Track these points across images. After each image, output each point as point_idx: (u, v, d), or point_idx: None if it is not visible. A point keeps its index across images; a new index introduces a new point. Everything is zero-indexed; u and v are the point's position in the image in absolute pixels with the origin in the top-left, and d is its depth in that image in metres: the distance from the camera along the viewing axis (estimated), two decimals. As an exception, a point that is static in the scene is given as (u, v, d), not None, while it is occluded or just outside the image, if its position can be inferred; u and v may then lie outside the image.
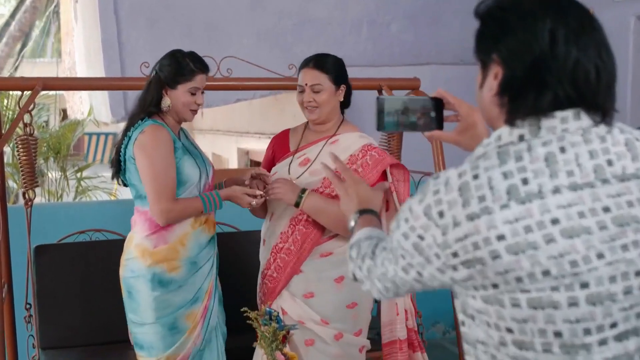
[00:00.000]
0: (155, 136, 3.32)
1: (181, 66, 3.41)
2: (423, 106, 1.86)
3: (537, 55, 1.44)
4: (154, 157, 3.31)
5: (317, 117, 3.47)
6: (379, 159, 3.50)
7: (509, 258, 1.40)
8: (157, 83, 3.42)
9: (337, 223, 3.41)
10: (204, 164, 3.52)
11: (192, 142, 3.60)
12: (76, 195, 7.45)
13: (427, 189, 1.50)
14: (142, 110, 3.41)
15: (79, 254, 4.33)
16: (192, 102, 3.42)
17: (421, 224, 1.49)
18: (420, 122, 1.86)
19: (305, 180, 3.49)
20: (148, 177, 3.34)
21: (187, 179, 3.40)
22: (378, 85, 4.59)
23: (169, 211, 3.34)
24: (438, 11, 6.21)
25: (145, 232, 3.43)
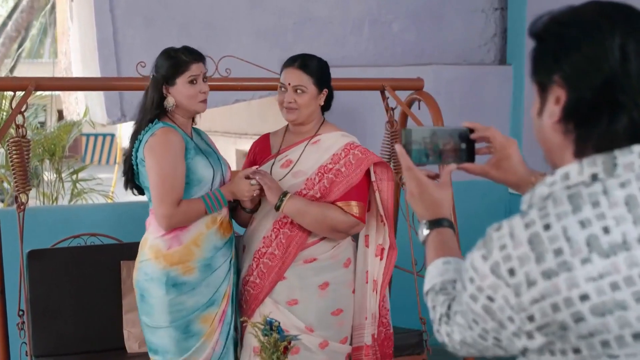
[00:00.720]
0: (165, 139, 3.30)
1: (174, 60, 3.37)
2: (453, 136, 1.77)
3: (606, 73, 1.29)
4: (161, 161, 3.29)
5: (296, 119, 3.45)
6: (362, 158, 3.46)
7: (595, 320, 1.24)
8: (155, 84, 3.38)
9: (321, 225, 3.39)
10: (219, 163, 3.49)
11: (206, 141, 3.56)
12: (72, 198, 7.37)
13: (491, 243, 1.32)
14: (144, 116, 3.37)
15: (73, 259, 4.29)
16: (196, 92, 3.38)
17: (489, 283, 1.32)
18: (450, 154, 1.76)
19: (288, 182, 3.46)
20: (154, 180, 3.32)
21: (201, 179, 3.38)
22: (381, 85, 4.54)
23: (170, 216, 3.31)
24: (441, 10, 6.15)
25: (159, 233, 3.40)
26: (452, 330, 1.46)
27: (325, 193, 3.43)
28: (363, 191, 3.48)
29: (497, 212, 6.01)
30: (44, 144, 7.13)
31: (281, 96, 3.47)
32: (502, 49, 6.28)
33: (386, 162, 3.57)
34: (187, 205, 3.35)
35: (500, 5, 6.26)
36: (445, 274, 1.59)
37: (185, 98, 3.38)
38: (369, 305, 3.56)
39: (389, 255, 3.59)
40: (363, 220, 3.47)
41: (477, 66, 6.14)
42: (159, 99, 3.39)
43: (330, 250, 3.48)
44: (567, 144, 1.36)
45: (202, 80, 3.42)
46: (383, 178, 3.50)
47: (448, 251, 1.65)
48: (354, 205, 3.43)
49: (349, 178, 3.43)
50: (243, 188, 3.41)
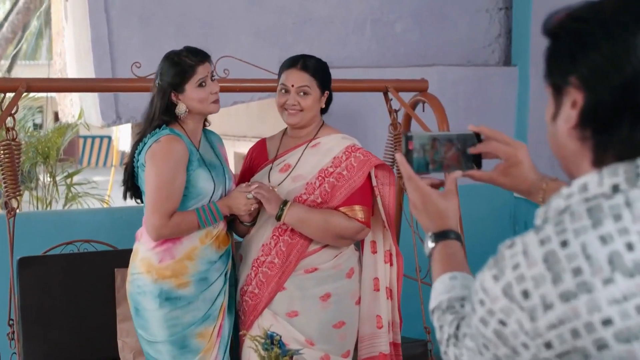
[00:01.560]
0: (169, 147, 3.19)
1: (179, 66, 3.26)
2: (456, 142, 1.67)
3: (628, 74, 1.19)
4: (161, 169, 3.18)
5: (298, 122, 3.35)
6: (364, 160, 3.36)
7: (619, 347, 1.12)
8: (162, 92, 3.26)
9: (325, 232, 3.28)
10: (223, 177, 3.36)
11: (216, 150, 3.43)
12: (66, 202, 7.25)
13: (503, 262, 1.21)
14: (151, 124, 3.26)
15: (65, 267, 4.17)
16: (207, 94, 3.28)
17: (501, 306, 1.21)
18: (453, 161, 1.67)
19: (287, 187, 3.35)
20: (149, 187, 3.21)
21: (200, 192, 3.27)
22: (384, 86, 4.45)
23: (160, 227, 3.20)
24: (444, 10, 6.04)
25: (150, 244, 3.29)
26: (460, 353, 1.36)
27: (327, 198, 3.33)
28: (366, 195, 3.37)
29: (502, 217, 5.93)
30: (38, 146, 7.00)
31: (282, 98, 3.36)
32: (506, 50, 6.17)
33: (388, 165, 3.46)
34: (179, 218, 3.24)
35: (504, 5, 6.15)
36: (452, 290, 1.50)
37: (197, 102, 3.28)
38: (384, 313, 3.45)
39: (398, 262, 3.48)
40: (368, 225, 3.36)
41: (481, 67, 6.04)
42: (165, 107, 3.28)
43: (333, 259, 3.37)
44: (584, 152, 1.26)
45: (210, 80, 3.32)
46: (385, 182, 3.40)
47: (455, 265, 1.56)
48: (358, 210, 3.32)
49: (351, 181, 3.33)
50: (240, 202, 3.31)
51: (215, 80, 3.35)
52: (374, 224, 3.43)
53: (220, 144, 3.55)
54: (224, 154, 3.53)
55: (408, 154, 1.63)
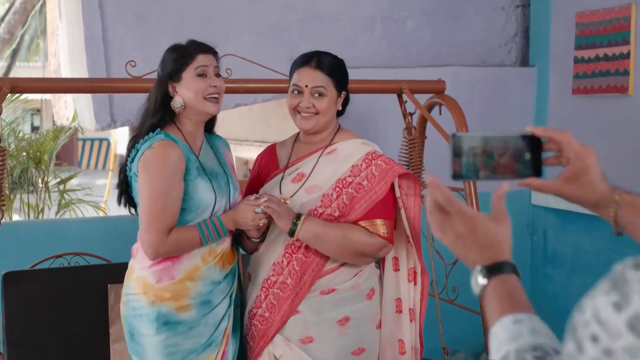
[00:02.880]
0: (163, 154, 2.87)
1: (179, 52, 2.97)
2: (514, 145, 1.48)
3: None
4: (154, 180, 2.87)
5: (313, 126, 3.05)
6: (386, 169, 3.05)
7: None
8: (159, 82, 2.97)
9: (343, 249, 2.97)
10: (226, 187, 3.04)
11: (220, 156, 3.12)
12: (59, 209, 6.95)
13: (627, 286, 0.95)
14: (146, 120, 2.97)
15: (55, 282, 3.93)
16: (206, 87, 2.94)
17: (626, 344, 0.94)
18: (508, 167, 1.48)
19: (300, 199, 3.04)
20: (143, 201, 2.90)
21: (199, 205, 2.94)
22: (398, 87, 4.18)
23: (158, 245, 2.88)
24: (458, 8, 5.78)
25: (146, 262, 2.98)
26: None
27: (345, 211, 3.02)
28: (389, 207, 3.06)
29: (519, 226, 5.64)
30: (29, 151, 6.70)
31: (294, 100, 3.05)
32: (523, 50, 5.92)
33: (414, 175, 3.14)
34: (179, 234, 2.92)
35: (522, 3, 5.90)
36: (518, 338, 1.23)
37: (193, 94, 2.94)
38: (407, 338, 3.16)
39: (422, 280, 3.18)
40: (391, 240, 3.05)
41: (497, 68, 5.78)
42: (162, 100, 2.98)
43: (352, 279, 3.06)
44: None
45: (213, 73, 3.00)
46: (409, 193, 3.08)
47: (516, 306, 1.30)
48: (379, 225, 3.01)
49: (371, 193, 3.01)
50: (247, 216, 2.98)
51: (220, 78, 3.04)
52: (397, 238, 3.13)
53: (226, 149, 3.24)
54: (229, 160, 3.22)
55: (456, 158, 1.46)
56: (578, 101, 5.27)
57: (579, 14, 5.20)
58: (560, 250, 5.49)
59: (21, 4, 13.81)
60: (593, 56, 5.09)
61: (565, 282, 5.45)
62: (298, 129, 3.15)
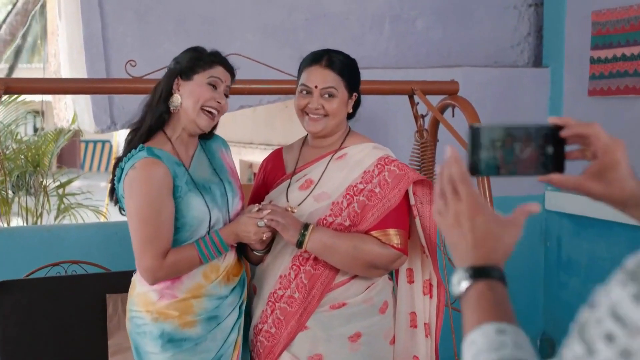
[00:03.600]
0: (146, 176, 2.70)
1: (200, 54, 2.83)
2: (535, 137, 1.37)
3: None
4: (141, 202, 2.70)
5: (321, 130, 2.89)
6: (400, 175, 2.89)
7: None
8: (169, 75, 2.83)
9: (354, 261, 2.81)
10: (223, 196, 2.86)
11: (214, 162, 2.94)
12: (58, 214, 6.80)
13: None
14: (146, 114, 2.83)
15: (51, 292, 3.79)
16: (211, 98, 2.79)
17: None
18: (530, 162, 1.37)
19: (308, 207, 2.88)
20: (134, 226, 2.74)
21: (193, 222, 2.77)
22: (409, 88, 4.03)
23: (155, 269, 2.72)
24: (469, 6, 5.64)
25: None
26: None
27: (356, 220, 2.86)
28: (403, 216, 2.90)
29: (533, 232, 5.50)
30: (27, 154, 6.55)
31: (302, 101, 2.89)
32: (536, 50, 5.78)
33: (429, 181, 2.97)
34: (176, 256, 2.74)
35: (534, 1, 5.75)
36: (501, 348, 1.11)
37: (194, 101, 2.78)
38: (422, 354, 3.01)
39: (439, 293, 3.01)
40: (405, 251, 2.88)
41: (509, 68, 5.63)
42: (167, 94, 2.83)
43: (363, 292, 2.90)
44: None
45: (222, 90, 2.85)
46: (425, 201, 2.92)
47: (501, 315, 1.18)
48: (393, 235, 2.85)
49: (384, 200, 2.85)
50: (249, 230, 2.81)
51: (227, 98, 2.89)
52: (411, 249, 2.96)
53: (224, 149, 3.05)
54: (227, 162, 3.03)
55: (474, 151, 1.34)
56: (594, 103, 5.12)
57: (595, 12, 5.04)
58: (575, 257, 5.34)
59: (23, 4, 13.79)
60: (610, 56, 4.93)
61: (580, 290, 5.29)
62: (306, 131, 2.99)
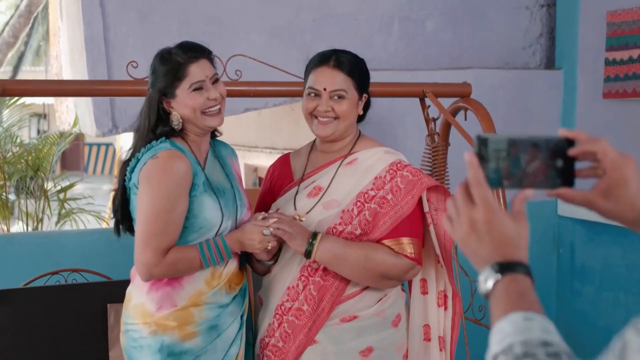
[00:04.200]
0: (168, 167, 2.60)
1: (170, 65, 2.67)
2: (543, 149, 1.35)
3: None
4: (157, 194, 2.60)
5: (331, 133, 2.78)
6: (414, 181, 2.77)
7: None
8: (152, 100, 2.69)
9: (365, 272, 2.69)
10: (234, 204, 2.76)
11: (227, 168, 2.84)
12: (59, 219, 6.68)
13: None
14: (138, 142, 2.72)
15: (50, 302, 3.70)
16: (204, 101, 2.67)
17: None
18: (537, 175, 1.35)
19: (317, 215, 2.76)
20: (142, 217, 2.63)
21: (203, 224, 2.67)
22: (421, 91, 3.94)
23: (152, 265, 2.61)
24: (480, 7, 5.52)
25: (144, 287, 2.72)
26: None
27: (368, 229, 2.74)
28: (417, 224, 2.79)
29: (545, 239, 5.40)
30: (28, 158, 6.43)
31: (311, 103, 2.78)
32: (549, 51, 5.66)
33: (444, 187, 2.85)
34: (176, 255, 2.64)
35: (547, 2, 5.64)
36: (527, 332, 1.13)
37: (190, 110, 2.67)
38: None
39: (454, 305, 2.89)
40: (419, 261, 2.76)
41: (521, 70, 5.52)
42: (157, 118, 2.70)
43: (375, 304, 2.78)
44: None
45: (210, 83, 2.71)
46: (439, 207, 2.80)
47: (527, 305, 1.21)
48: (406, 243, 2.73)
49: (397, 208, 2.73)
50: (253, 238, 2.70)
51: (218, 84, 2.76)
52: (425, 258, 2.84)
53: (233, 159, 2.96)
54: (236, 172, 2.93)
55: (480, 162, 1.32)
56: (609, 106, 5.01)
57: (611, 12, 4.93)
58: (588, 264, 5.22)
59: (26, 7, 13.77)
60: (626, 58, 4.82)
61: (594, 298, 5.17)
62: (314, 136, 2.87)
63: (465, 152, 1.34)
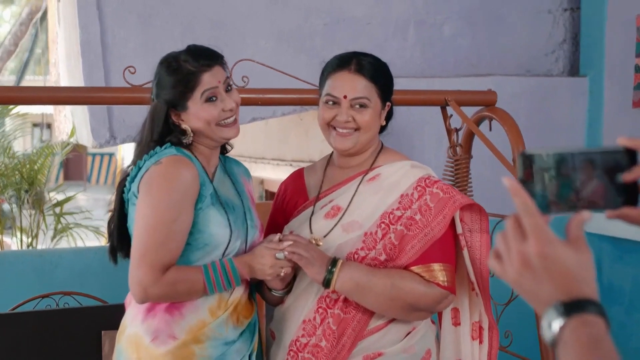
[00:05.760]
0: (172, 173, 2.37)
1: (178, 74, 2.42)
2: (600, 164, 1.19)
3: None
4: (159, 203, 2.36)
5: (352, 147, 2.53)
6: (445, 199, 2.51)
7: None
8: (157, 110, 2.46)
9: (392, 303, 2.44)
10: (243, 224, 2.50)
11: (237, 186, 2.60)
12: (55, 234, 6.45)
13: None
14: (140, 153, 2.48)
15: (40, 328, 3.54)
16: (219, 112, 2.44)
17: None
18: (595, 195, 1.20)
19: (336, 239, 2.51)
20: (140, 228, 2.38)
21: (209, 241, 2.42)
22: (442, 99, 3.74)
23: (149, 284, 2.34)
24: (500, 11, 5.34)
25: (139, 315, 2.45)
26: None
27: (394, 254, 2.48)
28: (449, 248, 2.53)
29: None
30: (22, 170, 6.20)
31: (328, 113, 2.53)
32: (572, 58, 5.49)
33: (479, 205, 2.58)
34: (177, 274, 2.37)
35: (570, 5, 5.45)
36: None
37: (204, 124, 2.43)
38: None
39: (490, 338, 2.62)
40: (453, 290, 2.50)
41: (543, 78, 5.35)
42: (162, 131, 2.46)
43: (403, 339, 2.52)
44: None
45: (223, 91, 2.46)
46: (474, 229, 2.54)
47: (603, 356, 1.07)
48: (437, 270, 2.47)
49: (427, 230, 2.47)
50: (265, 263, 2.43)
51: (233, 91, 2.51)
52: (457, 285, 2.57)
53: (245, 178, 2.71)
54: (249, 191, 2.68)
55: (526, 183, 1.18)
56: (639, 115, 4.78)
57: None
58: (617, 283, 5.00)
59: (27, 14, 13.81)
60: (658, 64, 4.59)
61: (622, 319, 4.95)
62: (332, 148, 2.61)
63: (504, 178, 1.18)
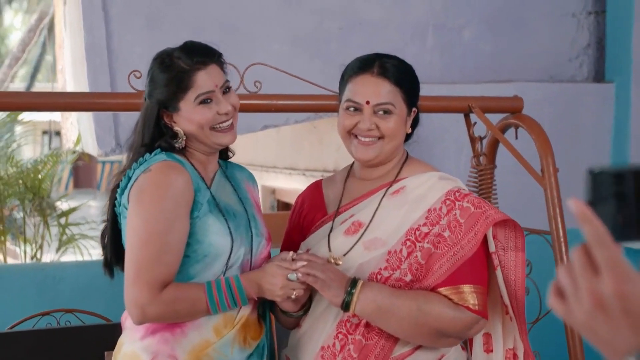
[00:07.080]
0: (162, 180, 2.20)
1: (172, 72, 2.28)
2: None
3: None
4: (150, 213, 2.19)
5: (375, 157, 2.37)
6: (476, 214, 2.33)
7: None
8: (148, 111, 2.31)
9: (418, 328, 2.27)
10: (247, 231, 2.33)
11: (240, 193, 2.43)
12: (60, 246, 6.33)
13: None
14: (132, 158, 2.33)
15: (40, 347, 3.42)
16: (214, 116, 2.28)
17: None
18: None
19: (357, 258, 2.34)
20: (132, 243, 2.21)
21: (208, 251, 2.25)
22: (466, 106, 3.62)
23: (146, 303, 2.17)
24: (523, 14, 5.24)
25: (137, 333, 2.28)
26: None
27: (420, 274, 2.31)
28: (481, 268, 2.35)
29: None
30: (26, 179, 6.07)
31: (349, 120, 2.36)
32: (597, 63, 5.39)
33: (514, 221, 2.40)
34: (176, 292, 2.20)
35: (595, 8, 5.33)
36: None
37: (197, 127, 2.28)
38: None
39: None
40: (485, 314, 2.32)
41: (567, 84, 5.27)
42: (154, 134, 2.30)
43: None
44: None
45: (220, 94, 2.29)
46: (508, 246, 2.36)
47: None
48: (468, 292, 2.28)
49: (457, 248, 2.29)
50: (275, 283, 2.25)
51: (230, 93, 2.35)
52: (489, 309, 2.39)
53: (250, 183, 2.54)
54: (254, 198, 2.51)
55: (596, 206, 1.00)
56: (669, 123, 4.64)
57: (671, 19, 4.56)
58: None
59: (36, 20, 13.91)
60: (689, 69, 4.44)
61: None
62: (353, 159, 2.44)
63: (570, 200, 1.01)
